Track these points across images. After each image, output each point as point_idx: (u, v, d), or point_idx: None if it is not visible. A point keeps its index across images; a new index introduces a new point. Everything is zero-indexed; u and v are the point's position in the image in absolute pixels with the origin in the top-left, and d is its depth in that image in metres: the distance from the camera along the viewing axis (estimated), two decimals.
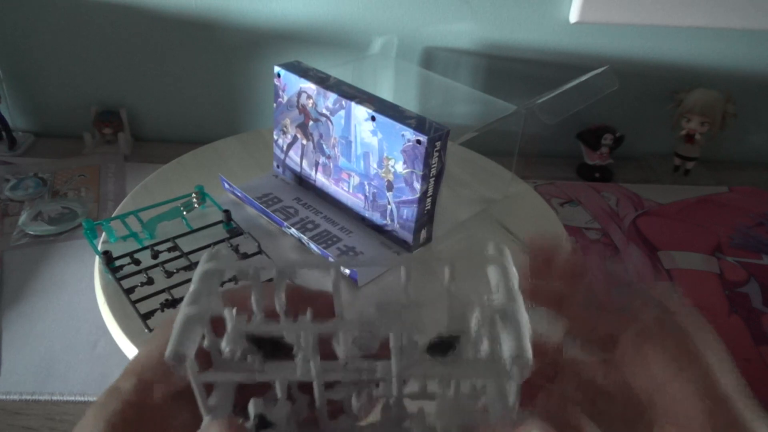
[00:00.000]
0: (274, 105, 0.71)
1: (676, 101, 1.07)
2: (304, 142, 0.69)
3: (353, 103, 0.61)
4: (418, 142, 0.56)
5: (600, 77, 0.73)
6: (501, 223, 0.71)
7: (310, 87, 0.65)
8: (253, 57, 1.03)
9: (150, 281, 0.56)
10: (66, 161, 0.99)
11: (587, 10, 0.96)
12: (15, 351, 0.64)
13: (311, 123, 0.67)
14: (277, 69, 0.68)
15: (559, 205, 0.98)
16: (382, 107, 0.60)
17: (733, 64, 1.06)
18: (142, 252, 0.59)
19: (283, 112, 0.70)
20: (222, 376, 0.21)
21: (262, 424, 0.21)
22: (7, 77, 1.05)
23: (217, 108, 1.09)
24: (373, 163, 0.62)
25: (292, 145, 0.72)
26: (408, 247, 0.63)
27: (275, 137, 0.73)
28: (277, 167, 0.76)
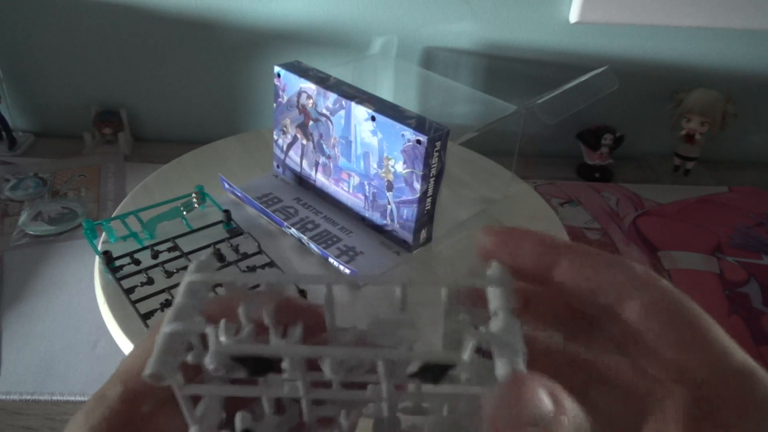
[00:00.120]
0: (274, 105, 0.71)
1: (676, 101, 1.07)
2: (304, 142, 0.69)
3: (353, 103, 0.61)
4: (418, 142, 0.56)
5: (600, 77, 0.73)
6: (501, 223, 0.71)
7: (310, 87, 0.65)
8: (253, 57, 1.03)
9: (150, 281, 0.56)
10: (66, 161, 0.99)
11: (587, 10, 0.96)
12: (15, 351, 0.64)
13: (311, 123, 0.67)
14: (277, 69, 0.68)
15: (559, 205, 0.98)
16: (382, 107, 0.60)
17: (733, 64, 1.06)
18: (142, 252, 0.59)
19: (283, 112, 0.70)
20: (207, 389, 0.21)
21: None
22: (7, 77, 1.05)
23: (217, 108, 1.09)
24: (373, 163, 0.62)
25: (292, 145, 0.72)
26: (408, 247, 0.63)
27: (275, 137, 0.73)
28: (277, 167, 0.76)
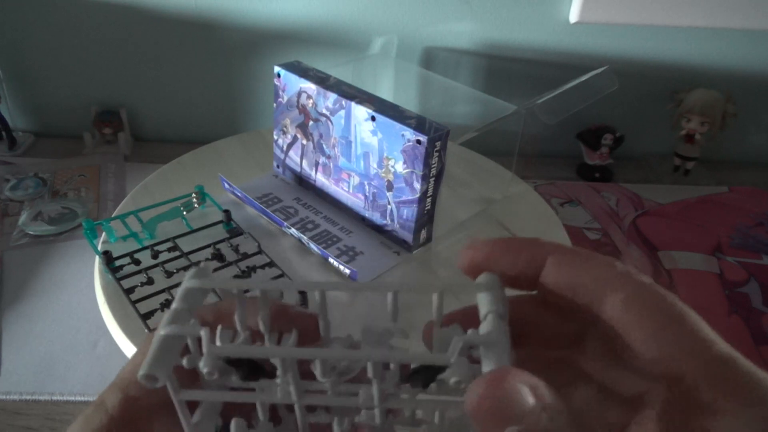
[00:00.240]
0: (274, 105, 0.71)
1: (676, 101, 1.06)
2: (304, 142, 0.69)
3: (353, 103, 0.61)
4: (418, 142, 0.56)
5: (600, 77, 0.73)
6: (501, 223, 0.71)
7: (310, 87, 0.65)
8: (253, 57, 1.03)
9: (150, 281, 0.56)
10: (66, 161, 0.99)
11: (587, 10, 0.96)
12: (15, 351, 0.64)
13: (311, 123, 0.67)
14: (277, 69, 0.68)
15: (559, 205, 0.98)
16: (382, 107, 0.60)
17: (733, 64, 1.06)
18: (142, 252, 0.59)
19: (283, 112, 0.70)
20: (201, 395, 0.21)
21: None
22: (7, 77, 1.05)
23: (217, 108, 1.09)
24: (373, 163, 0.62)
25: (292, 145, 0.72)
26: (408, 247, 0.63)
27: (275, 137, 0.73)
28: (277, 167, 0.76)
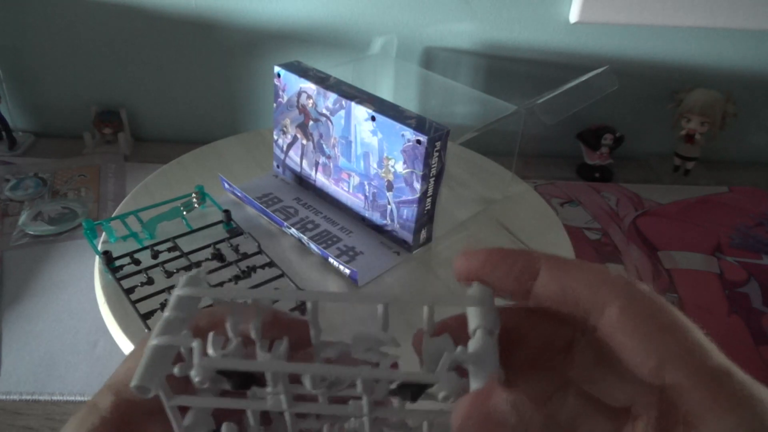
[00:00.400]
0: (274, 105, 0.71)
1: (676, 101, 1.06)
2: (304, 142, 0.69)
3: (353, 103, 0.61)
4: (418, 142, 0.56)
5: (600, 77, 0.73)
6: (501, 223, 0.71)
7: (310, 87, 0.65)
8: (253, 57, 1.03)
9: (150, 281, 0.56)
10: (66, 161, 0.99)
11: (587, 10, 0.96)
12: (15, 351, 0.64)
13: (311, 123, 0.67)
14: (277, 69, 0.68)
15: (559, 205, 0.98)
16: (382, 107, 0.60)
17: (733, 64, 1.06)
18: (142, 252, 0.59)
19: (283, 112, 0.70)
20: (193, 401, 0.21)
21: None
22: (7, 77, 1.05)
23: (217, 108, 1.09)
24: (373, 163, 0.62)
25: (292, 145, 0.72)
26: (408, 247, 0.63)
27: (275, 137, 0.73)
28: (277, 167, 0.76)
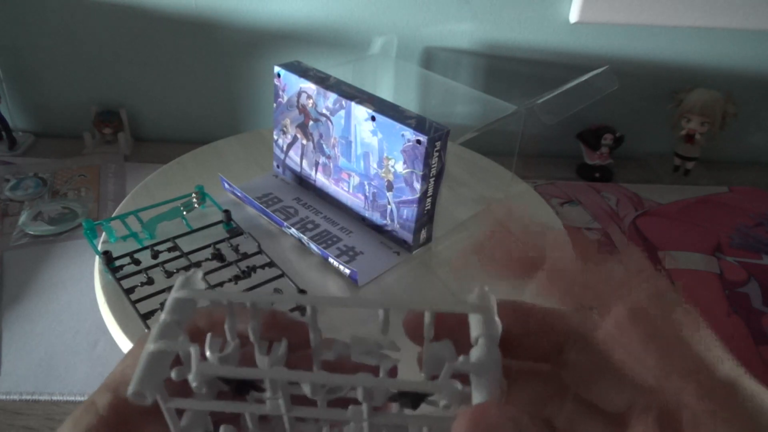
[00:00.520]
0: (274, 105, 0.71)
1: (676, 101, 1.06)
2: (304, 142, 0.69)
3: (353, 103, 0.61)
4: (418, 142, 0.56)
5: (600, 77, 0.73)
6: (501, 223, 0.71)
7: (310, 87, 0.65)
8: (253, 57, 1.03)
9: (150, 281, 0.56)
10: (66, 161, 0.99)
11: (587, 10, 0.96)
12: (15, 351, 0.64)
13: (311, 123, 0.67)
14: (277, 69, 0.68)
15: (559, 205, 0.98)
16: (382, 107, 0.60)
17: (733, 64, 1.06)
18: (142, 252, 0.59)
19: (283, 112, 0.70)
20: (191, 404, 0.21)
21: None
22: (7, 77, 1.05)
23: (217, 108, 1.09)
24: (373, 163, 0.62)
25: (292, 145, 0.72)
26: (408, 247, 0.63)
27: (275, 137, 0.73)
28: (277, 167, 0.76)
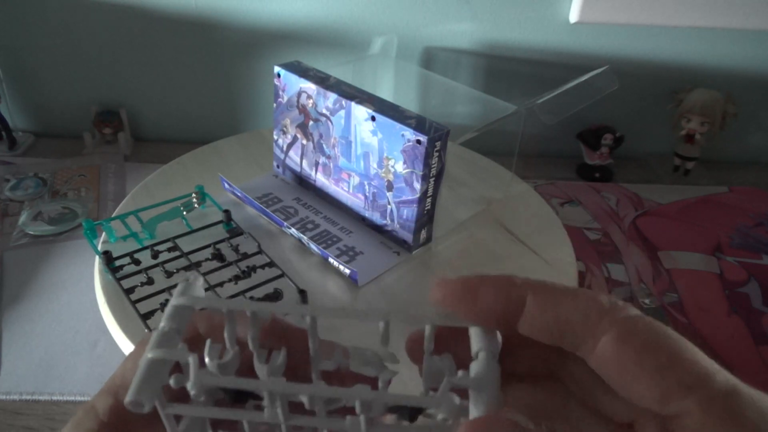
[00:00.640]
0: (274, 105, 0.71)
1: (676, 101, 1.06)
2: (304, 142, 0.69)
3: (353, 103, 0.61)
4: (418, 142, 0.56)
5: (600, 77, 0.73)
6: (501, 223, 0.71)
7: (310, 87, 0.65)
8: (253, 57, 1.03)
9: (150, 281, 0.56)
10: (66, 161, 0.99)
11: (587, 10, 0.96)
12: (15, 351, 0.64)
13: (311, 123, 0.67)
14: (277, 69, 0.68)
15: (559, 205, 0.98)
16: (382, 107, 0.60)
17: (733, 64, 1.06)
18: (142, 252, 0.59)
19: (283, 112, 0.70)
20: (189, 410, 0.22)
21: None
22: (7, 77, 1.05)
23: (217, 108, 1.09)
24: (373, 163, 0.62)
25: (292, 145, 0.72)
26: (408, 247, 0.63)
27: (275, 137, 0.73)
28: (277, 167, 0.76)
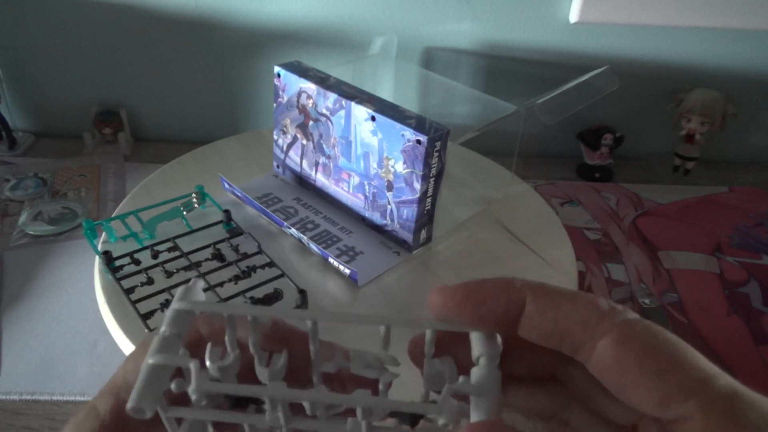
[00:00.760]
0: (274, 105, 0.71)
1: (676, 101, 1.06)
2: (304, 142, 0.69)
3: (353, 103, 0.61)
4: (418, 142, 0.56)
5: (600, 77, 0.73)
6: (501, 223, 0.71)
7: (310, 87, 0.65)
8: (253, 57, 1.03)
9: (150, 281, 0.56)
10: (66, 161, 0.99)
11: (587, 10, 0.96)
12: (15, 351, 0.64)
13: (311, 123, 0.67)
14: (277, 69, 0.68)
15: (559, 205, 0.98)
16: (382, 107, 0.60)
17: (733, 64, 1.06)
18: (142, 252, 0.59)
19: (283, 112, 0.70)
20: (190, 413, 0.22)
21: None
22: (7, 77, 1.05)
23: (217, 108, 1.09)
24: (373, 163, 0.62)
25: (292, 145, 0.72)
26: (408, 247, 0.63)
27: (275, 137, 0.73)
28: (277, 167, 0.76)
